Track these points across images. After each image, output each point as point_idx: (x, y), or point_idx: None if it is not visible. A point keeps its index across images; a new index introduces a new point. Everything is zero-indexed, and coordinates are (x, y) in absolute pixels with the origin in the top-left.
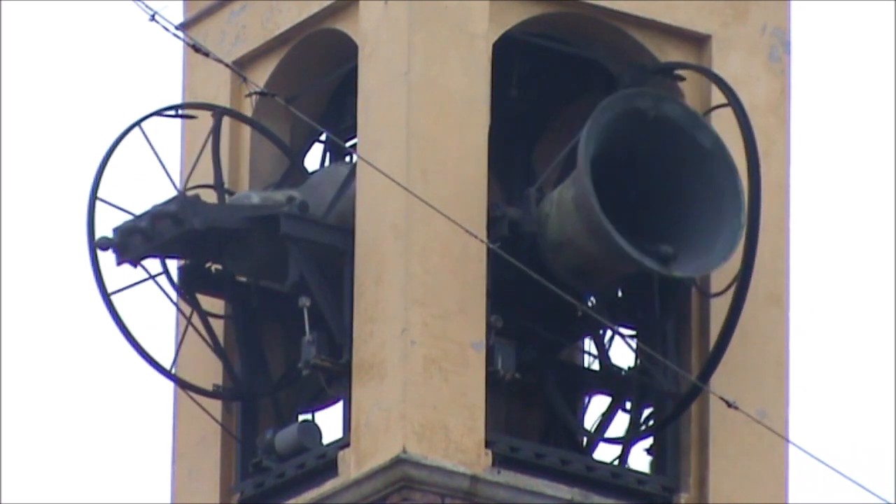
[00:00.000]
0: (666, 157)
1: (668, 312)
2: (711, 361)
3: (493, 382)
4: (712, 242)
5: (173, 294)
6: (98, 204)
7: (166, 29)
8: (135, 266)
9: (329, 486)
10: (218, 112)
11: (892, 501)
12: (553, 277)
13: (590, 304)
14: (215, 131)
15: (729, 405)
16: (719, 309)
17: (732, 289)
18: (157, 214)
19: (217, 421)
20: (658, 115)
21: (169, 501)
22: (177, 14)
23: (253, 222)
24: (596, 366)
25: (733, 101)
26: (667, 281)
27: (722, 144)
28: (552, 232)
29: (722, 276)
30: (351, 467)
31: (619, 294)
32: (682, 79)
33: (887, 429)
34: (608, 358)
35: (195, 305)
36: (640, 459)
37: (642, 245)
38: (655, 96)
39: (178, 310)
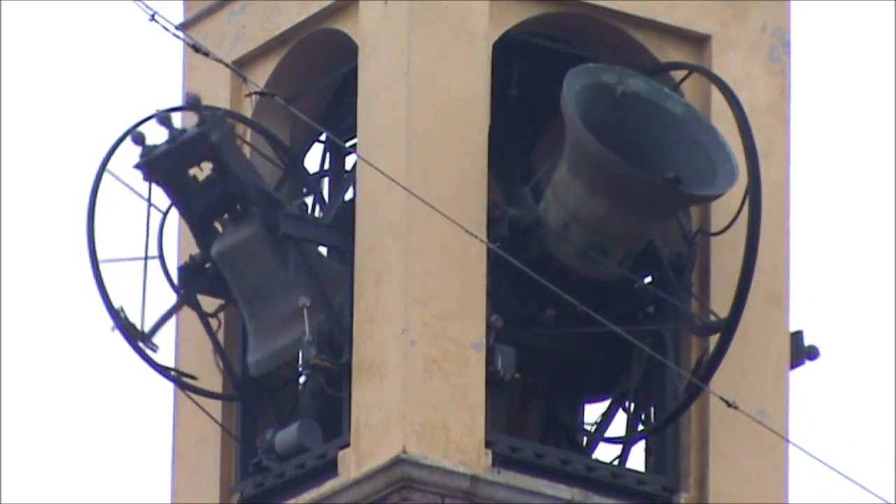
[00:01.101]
0: (640, 129)
1: (669, 311)
2: (711, 361)
3: (493, 382)
4: (711, 180)
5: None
6: (98, 204)
7: (166, 29)
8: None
9: (329, 486)
10: (220, 113)
11: (892, 501)
12: (557, 274)
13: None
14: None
15: (729, 405)
16: (720, 309)
17: (733, 288)
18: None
19: (217, 422)
20: (626, 91)
21: (169, 501)
22: (177, 14)
23: (258, 193)
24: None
25: (733, 102)
26: (667, 280)
27: (693, 110)
28: (554, 217)
29: (723, 274)
30: (351, 467)
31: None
32: (681, 80)
33: (887, 429)
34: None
35: (195, 306)
36: (640, 459)
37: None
38: (620, 71)
39: (175, 289)
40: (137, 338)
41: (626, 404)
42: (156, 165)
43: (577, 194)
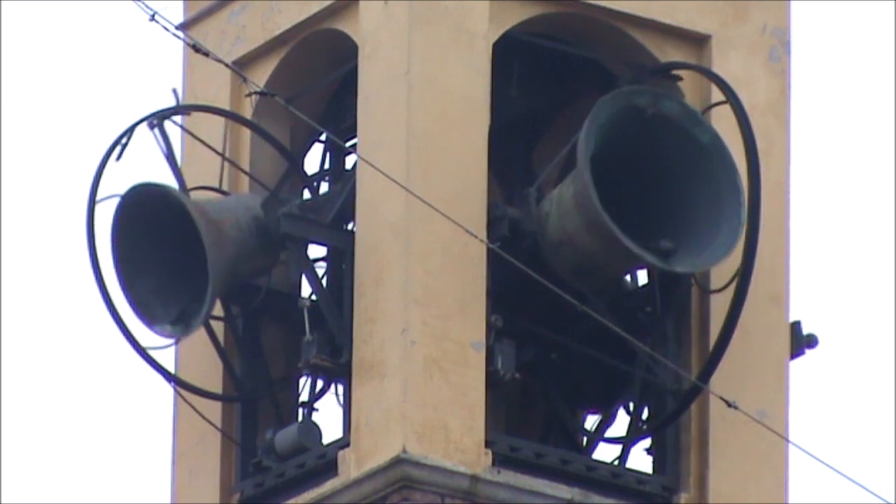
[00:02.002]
0: (665, 154)
1: (669, 312)
2: (711, 361)
3: (493, 382)
4: (712, 239)
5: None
6: (98, 204)
7: (166, 29)
8: None
9: (329, 486)
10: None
11: (892, 501)
12: (554, 276)
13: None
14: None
15: (729, 405)
16: (719, 308)
17: (732, 287)
18: None
19: (216, 427)
20: (657, 113)
21: (169, 501)
22: (177, 14)
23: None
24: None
25: (733, 101)
26: (667, 279)
27: (721, 142)
28: (552, 231)
29: (722, 274)
30: (351, 467)
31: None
32: (680, 78)
33: (887, 429)
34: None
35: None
36: (640, 459)
37: (642, 241)
38: (654, 94)
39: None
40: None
41: (627, 404)
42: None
43: (575, 223)
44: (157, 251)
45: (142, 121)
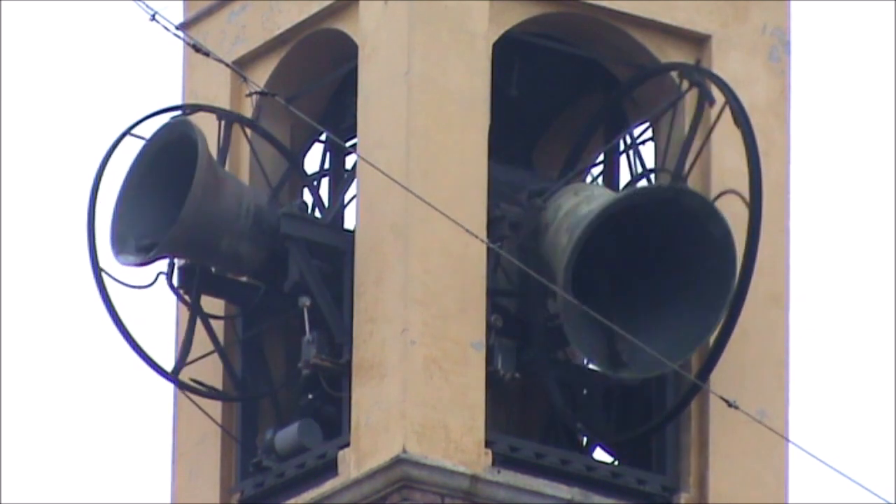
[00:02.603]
0: (672, 245)
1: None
2: (710, 360)
3: (493, 382)
4: (684, 330)
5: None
6: (98, 205)
7: (166, 29)
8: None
9: (329, 486)
10: (221, 115)
11: (892, 501)
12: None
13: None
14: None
15: (729, 405)
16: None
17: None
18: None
19: (217, 423)
20: (675, 202)
21: (169, 501)
22: (177, 14)
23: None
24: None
25: (733, 101)
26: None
27: (730, 235)
28: (552, 237)
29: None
30: (351, 467)
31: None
32: (680, 74)
33: (887, 429)
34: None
35: (196, 307)
36: (640, 459)
37: (608, 322)
38: (677, 190)
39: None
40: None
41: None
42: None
43: (562, 244)
44: (160, 193)
45: (142, 120)
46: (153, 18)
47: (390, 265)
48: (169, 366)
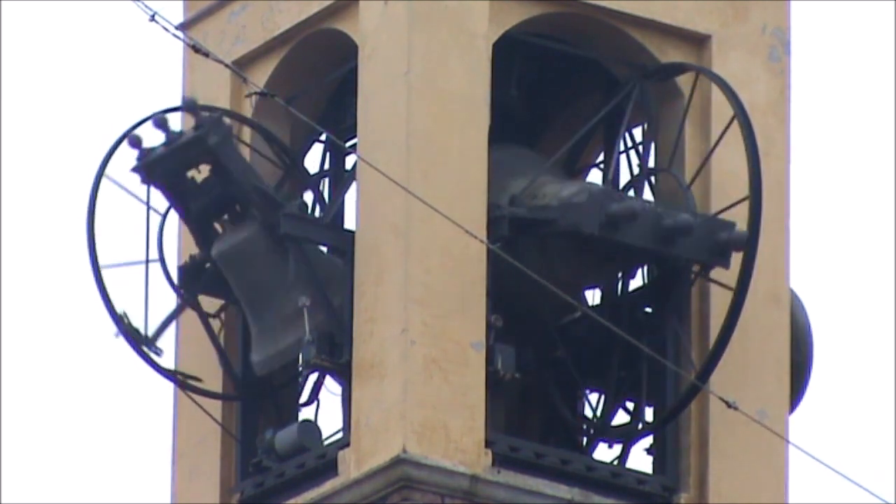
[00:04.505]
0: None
1: (669, 312)
2: (711, 361)
3: (493, 382)
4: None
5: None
6: (98, 206)
7: (166, 29)
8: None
9: (329, 486)
10: (217, 115)
11: (892, 501)
12: (557, 263)
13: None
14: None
15: (729, 405)
16: (719, 308)
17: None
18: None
19: (217, 421)
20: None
21: (169, 501)
22: (177, 14)
23: (257, 194)
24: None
25: (733, 101)
26: (667, 278)
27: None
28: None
29: (723, 274)
30: (351, 467)
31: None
32: (680, 73)
33: (887, 429)
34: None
35: (195, 306)
36: (640, 459)
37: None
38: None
39: (176, 291)
40: (141, 342)
41: (626, 404)
42: (153, 168)
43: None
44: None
45: (144, 121)
46: (153, 19)
47: (390, 265)
48: (169, 365)
